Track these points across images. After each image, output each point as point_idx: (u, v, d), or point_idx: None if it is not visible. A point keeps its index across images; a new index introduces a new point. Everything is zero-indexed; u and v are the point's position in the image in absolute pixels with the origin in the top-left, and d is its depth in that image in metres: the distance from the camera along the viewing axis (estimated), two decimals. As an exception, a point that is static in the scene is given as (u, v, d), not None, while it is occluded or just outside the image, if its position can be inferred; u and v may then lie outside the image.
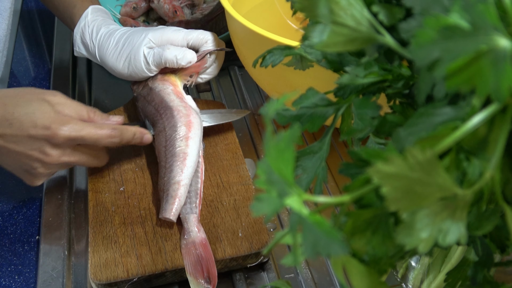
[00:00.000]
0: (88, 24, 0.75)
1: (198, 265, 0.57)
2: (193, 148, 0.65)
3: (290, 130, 0.25)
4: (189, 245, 0.59)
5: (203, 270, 0.57)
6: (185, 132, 0.66)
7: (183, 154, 0.64)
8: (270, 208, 0.24)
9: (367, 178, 0.25)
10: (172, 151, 0.65)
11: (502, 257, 0.39)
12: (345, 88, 0.34)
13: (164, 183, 0.63)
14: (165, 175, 0.63)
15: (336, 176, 0.72)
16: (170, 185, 0.62)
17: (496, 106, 0.23)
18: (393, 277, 0.57)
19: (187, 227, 0.60)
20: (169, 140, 0.66)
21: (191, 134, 0.66)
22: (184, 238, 0.59)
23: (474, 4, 0.22)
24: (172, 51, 0.70)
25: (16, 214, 0.67)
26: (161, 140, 0.67)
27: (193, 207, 0.62)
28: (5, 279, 0.60)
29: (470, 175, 0.24)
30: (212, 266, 0.56)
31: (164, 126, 0.67)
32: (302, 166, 0.35)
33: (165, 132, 0.67)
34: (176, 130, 0.66)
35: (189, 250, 0.58)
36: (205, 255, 0.57)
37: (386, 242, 0.27)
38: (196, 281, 0.56)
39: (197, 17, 0.92)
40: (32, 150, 0.57)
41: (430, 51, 0.23)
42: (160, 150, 0.67)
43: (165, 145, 0.66)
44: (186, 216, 0.61)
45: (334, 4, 0.29)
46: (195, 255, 0.58)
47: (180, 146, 0.65)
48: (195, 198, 0.63)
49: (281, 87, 0.68)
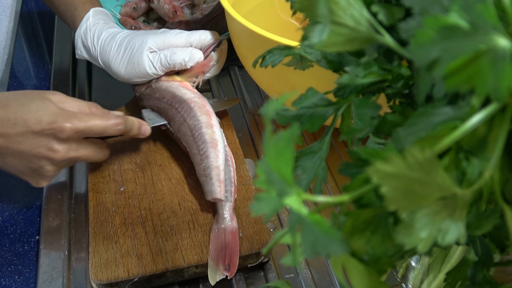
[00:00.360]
0: (89, 28, 0.75)
1: (222, 252, 0.58)
2: (219, 135, 0.67)
3: (289, 130, 0.25)
4: (220, 231, 0.60)
5: (225, 258, 0.57)
6: (207, 119, 0.67)
7: (213, 140, 0.66)
8: (270, 207, 0.24)
9: (367, 178, 0.25)
10: (202, 138, 0.66)
11: (501, 257, 0.39)
12: (344, 88, 0.34)
13: (204, 168, 0.64)
14: (202, 161, 0.65)
15: (336, 176, 0.72)
16: (211, 169, 0.63)
17: (496, 106, 0.23)
18: (393, 277, 0.57)
19: (221, 214, 0.61)
20: (195, 129, 0.67)
21: (213, 122, 0.68)
22: (216, 224, 0.61)
23: (473, 4, 0.22)
24: (179, 55, 0.70)
25: (16, 214, 0.67)
26: (186, 131, 0.68)
27: (228, 196, 0.63)
28: (5, 279, 0.60)
29: (470, 175, 0.24)
30: (235, 256, 0.58)
31: (184, 118, 0.68)
32: (302, 166, 0.35)
33: (186, 123, 0.68)
34: (198, 119, 0.67)
35: (218, 236, 0.59)
36: (232, 244, 0.58)
37: (386, 241, 0.27)
38: (215, 267, 0.57)
39: (197, 17, 0.92)
40: (39, 147, 0.57)
41: (430, 51, 0.23)
42: (188, 140, 0.67)
43: (192, 134, 0.67)
44: (223, 203, 0.62)
45: (334, 4, 0.29)
46: (222, 242, 0.59)
47: (207, 133, 0.66)
48: (230, 187, 0.64)
49: (281, 87, 0.68)
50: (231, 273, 0.57)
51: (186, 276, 0.59)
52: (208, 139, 0.66)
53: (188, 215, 0.63)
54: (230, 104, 0.78)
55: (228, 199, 0.62)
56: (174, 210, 0.64)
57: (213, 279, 0.57)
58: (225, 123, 0.76)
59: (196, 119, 0.67)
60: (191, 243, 0.60)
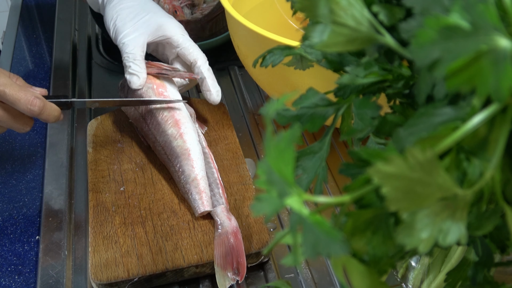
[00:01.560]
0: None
1: (229, 256, 0.57)
2: (192, 142, 0.66)
3: (290, 130, 0.25)
4: (222, 236, 0.59)
5: (232, 262, 0.56)
6: (176, 131, 0.67)
7: (185, 151, 0.65)
8: (270, 208, 0.24)
9: (367, 178, 0.25)
10: (174, 153, 0.65)
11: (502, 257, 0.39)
12: (345, 88, 0.34)
13: (183, 185, 0.64)
14: (180, 178, 0.64)
15: (336, 176, 0.72)
16: (189, 184, 0.63)
17: (496, 106, 0.23)
18: (393, 277, 0.57)
19: (218, 220, 0.60)
20: (166, 146, 0.67)
21: (182, 130, 0.67)
22: (217, 231, 0.60)
23: (474, 4, 0.22)
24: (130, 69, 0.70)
25: (16, 214, 0.67)
26: (159, 150, 0.68)
27: (218, 199, 0.62)
28: (5, 279, 0.60)
29: (471, 175, 0.24)
30: (242, 257, 0.57)
31: (155, 136, 0.68)
32: (302, 166, 0.35)
33: (157, 141, 0.68)
34: (167, 133, 0.67)
35: (221, 241, 0.58)
36: (237, 245, 0.57)
37: (386, 242, 0.27)
38: (223, 273, 0.56)
39: (197, 17, 0.92)
40: None
41: (430, 51, 0.23)
42: (164, 159, 0.68)
43: (165, 152, 0.67)
44: (214, 209, 0.61)
45: (335, 4, 0.29)
46: (226, 245, 0.58)
47: (178, 146, 0.65)
48: (217, 189, 0.63)
49: (281, 87, 0.68)
50: (241, 277, 0.56)
51: (186, 276, 0.59)
52: (180, 152, 0.65)
53: (188, 215, 0.63)
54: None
55: (219, 202, 0.62)
56: (174, 210, 0.64)
57: (223, 286, 0.56)
58: (225, 123, 0.76)
59: (165, 134, 0.67)
60: (191, 243, 0.60)
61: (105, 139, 0.73)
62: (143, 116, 0.70)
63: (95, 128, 0.75)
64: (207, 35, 0.91)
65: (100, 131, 0.74)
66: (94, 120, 0.76)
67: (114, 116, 0.77)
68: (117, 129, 0.75)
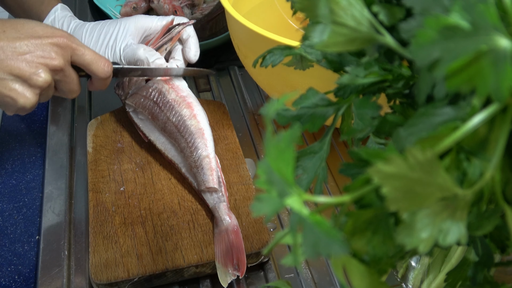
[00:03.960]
0: (57, 19, 0.76)
1: (229, 253, 0.58)
2: (205, 123, 0.68)
3: (290, 130, 0.25)
4: (222, 233, 0.60)
5: (233, 258, 0.57)
6: (190, 112, 0.69)
7: (199, 130, 0.67)
8: (270, 208, 0.24)
9: (367, 178, 0.25)
10: (187, 131, 0.67)
11: (502, 257, 0.39)
12: (345, 88, 0.34)
13: (194, 160, 0.65)
14: (192, 153, 0.66)
15: (336, 176, 0.72)
16: (201, 160, 0.64)
17: (497, 106, 0.23)
18: (393, 277, 0.57)
19: (219, 216, 0.61)
20: (179, 124, 0.68)
21: (195, 112, 0.69)
22: (217, 227, 0.61)
23: (474, 4, 0.22)
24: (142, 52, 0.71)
25: (16, 214, 0.67)
26: (171, 128, 0.69)
27: (220, 196, 0.63)
28: (5, 279, 0.60)
29: (471, 175, 0.24)
30: (242, 253, 0.57)
31: (168, 116, 0.69)
32: (302, 166, 0.35)
33: (170, 121, 0.69)
34: (181, 113, 0.69)
35: (221, 238, 0.59)
36: (236, 243, 0.58)
37: (387, 242, 0.27)
38: (224, 269, 0.57)
39: (197, 17, 0.92)
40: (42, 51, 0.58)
41: (430, 51, 0.23)
42: (176, 137, 0.68)
43: (178, 129, 0.68)
44: (216, 206, 0.62)
45: (334, 4, 0.29)
46: (226, 242, 0.59)
47: (192, 125, 0.67)
48: (219, 187, 0.63)
49: (281, 87, 0.68)
50: (242, 272, 0.57)
51: (186, 276, 0.59)
52: (194, 130, 0.67)
53: (188, 215, 0.63)
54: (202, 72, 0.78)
55: (221, 199, 0.62)
56: (174, 210, 0.64)
57: (225, 282, 0.57)
58: (225, 122, 0.76)
59: (179, 114, 0.69)
60: (191, 243, 0.60)
61: (105, 139, 0.73)
62: (155, 101, 0.71)
63: (95, 128, 0.75)
64: (207, 35, 0.91)
65: (100, 131, 0.74)
66: (94, 120, 0.76)
67: (114, 116, 0.77)
68: (117, 129, 0.75)
